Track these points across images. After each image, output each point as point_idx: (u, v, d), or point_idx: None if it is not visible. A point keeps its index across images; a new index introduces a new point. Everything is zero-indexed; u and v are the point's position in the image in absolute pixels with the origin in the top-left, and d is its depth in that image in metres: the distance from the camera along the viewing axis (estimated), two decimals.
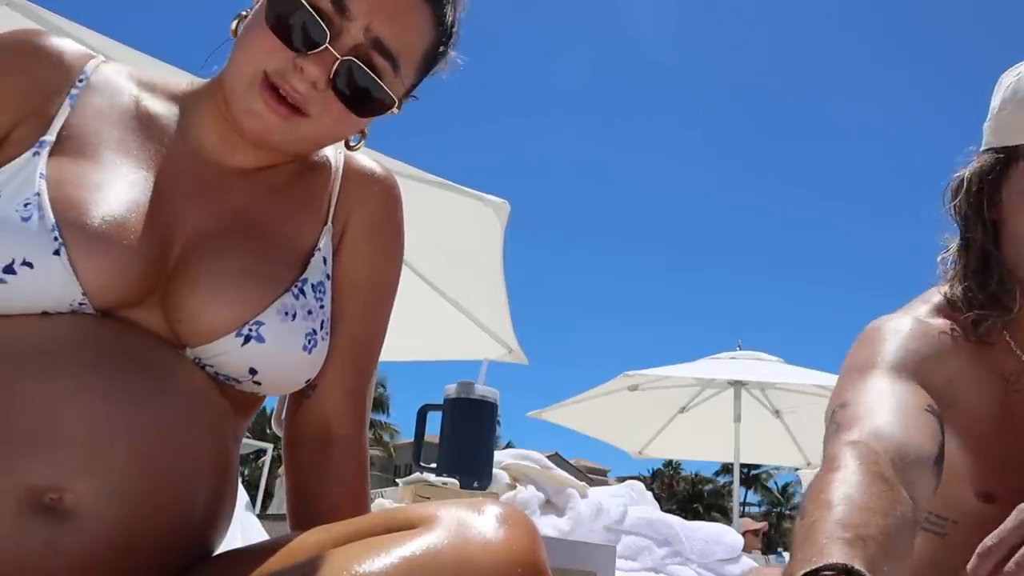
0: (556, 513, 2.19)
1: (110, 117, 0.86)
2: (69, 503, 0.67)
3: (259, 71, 0.82)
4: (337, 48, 0.83)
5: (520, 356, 5.02)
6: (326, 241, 0.93)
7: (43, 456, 0.67)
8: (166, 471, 0.72)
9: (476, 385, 2.08)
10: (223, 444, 0.81)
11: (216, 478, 0.79)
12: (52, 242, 0.73)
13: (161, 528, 0.72)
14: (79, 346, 0.73)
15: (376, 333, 0.98)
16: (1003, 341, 1.16)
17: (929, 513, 1.21)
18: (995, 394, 1.15)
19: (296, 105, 0.83)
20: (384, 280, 0.99)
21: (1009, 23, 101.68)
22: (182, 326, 0.79)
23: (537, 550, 0.66)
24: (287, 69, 0.82)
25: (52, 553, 0.66)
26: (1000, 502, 1.12)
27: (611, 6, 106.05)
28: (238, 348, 0.80)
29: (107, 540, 0.68)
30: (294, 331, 0.84)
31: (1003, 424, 1.14)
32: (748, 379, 6.45)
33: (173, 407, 0.75)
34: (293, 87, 0.82)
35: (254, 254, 0.85)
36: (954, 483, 1.15)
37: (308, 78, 0.82)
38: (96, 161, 0.81)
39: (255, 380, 0.83)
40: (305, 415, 0.94)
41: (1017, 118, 1.14)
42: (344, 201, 0.96)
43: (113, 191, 0.79)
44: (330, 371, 0.92)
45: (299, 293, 0.85)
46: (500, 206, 4.08)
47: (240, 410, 0.87)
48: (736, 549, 2.40)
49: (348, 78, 0.84)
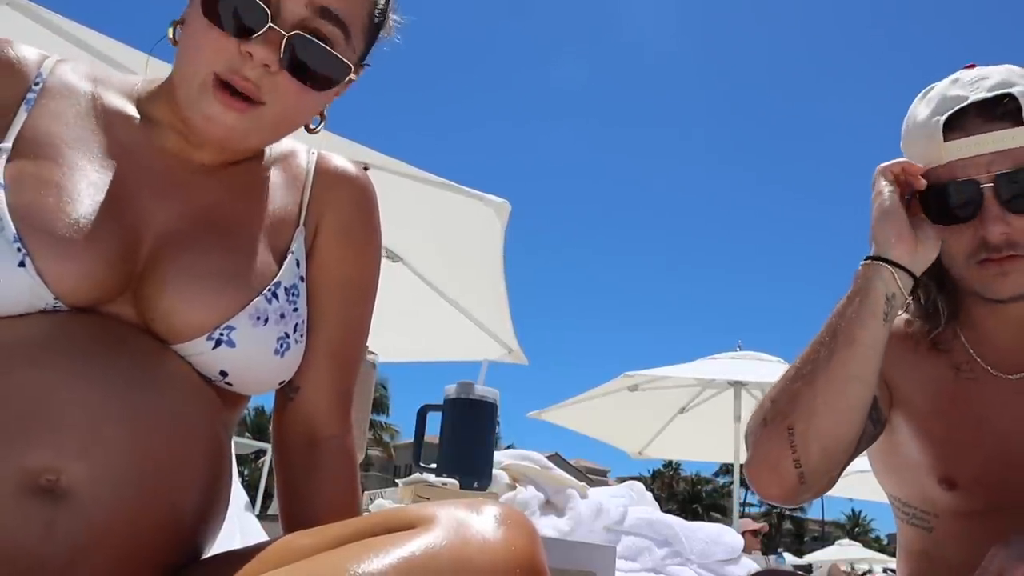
0: (556, 513, 2.19)
1: (68, 118, 0.85)
2: (65, 484, 0.67)
3: (208, 73, 0.81)
4: (281, 25, 0.82)
5: (520, 356, 5.01)
6: (299, 243, 0.92)
7: (38, 439, 0.67)
8: (161, 453, 0.73)
9: (476, 385, 2.07)
10: (214, 430, 0.81)
11: (210, 462, 0.79)
12: (16, 254, 0.72)
13: (156, 510, 0.72)
14: (65, 337, 0.73)
15: (356, 333, 0.98)
16: (958, 341, 1.20)
17: (915, 508, 1.25)
18: (945, 380, 1.18)
19: (250, 96, 0.82)
20: (361, 280, 0.98)
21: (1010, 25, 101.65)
22: (156, 324, 0.79)
23: (536, 550, 0.65)
24: (234, 61, 0.81)
25: (50, 535, 0.66)
26: (961, 487, 1.15)
27: (609, 10, 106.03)
28: (209, 351, 0.80)
29: (104, 522, 0.68)
30: (266, 335, 0.83)
31: (955, 410, 1.17)
32: (748, 379, 6.44)
33: (164, 391, 0.76)
34: (243, 77, 0.81)
35: (225, 254, 0.84)
36: (924, 475, 1.18)
37: (258, 62, 0.80)
38: (57, 163, 0.80)
39: (227, 381, 0.83)
40: (290, 417, 0.94)
41: (907, 148, 1.17)
42: (316, 202, 0.95)
43: (76, 193, 0.79)
44: (311, 373, 0.92)
45: (272, 297, 0.85)
46: (500, 206, 4.08)
47: (229, 400, 0.87)
48: (736, 549, 2.39)
49: (299, 53, 0.83)
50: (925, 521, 1.24)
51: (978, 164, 1.06)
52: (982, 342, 1.18)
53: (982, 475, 1.14)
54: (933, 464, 1.18)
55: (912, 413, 1.20)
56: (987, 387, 1.16)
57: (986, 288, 1.10)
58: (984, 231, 1.06)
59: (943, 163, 1.09)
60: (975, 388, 1.16)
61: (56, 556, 0.66)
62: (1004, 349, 1.17)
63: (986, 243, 1.07)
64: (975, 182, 1.06)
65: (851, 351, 1.04)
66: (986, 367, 1.17)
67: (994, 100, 1.07)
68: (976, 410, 1.15)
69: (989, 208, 1.06)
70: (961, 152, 1.07)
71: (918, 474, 1.20)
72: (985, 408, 1.15)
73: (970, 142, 1.06)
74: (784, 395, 1.07)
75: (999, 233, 1.05)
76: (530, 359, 5.15)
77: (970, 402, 1.16)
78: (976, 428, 1.15)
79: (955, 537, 1.00)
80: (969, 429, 1.15)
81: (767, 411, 1.09)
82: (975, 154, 1.06)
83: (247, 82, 0.81)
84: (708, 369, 6.84)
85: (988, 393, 1.16)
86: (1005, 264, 1.07)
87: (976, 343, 1.18)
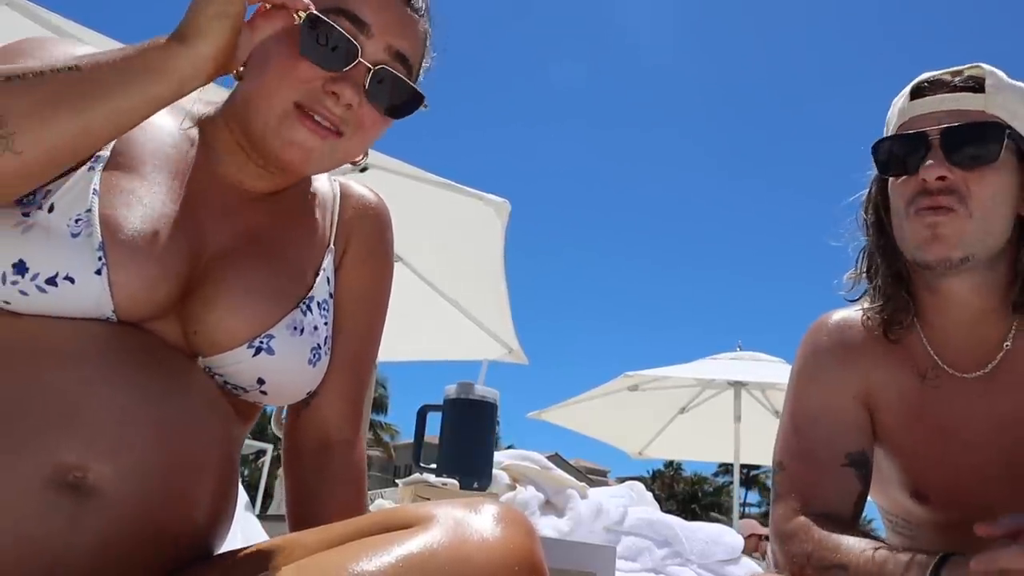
0: (556, 514, 2.19)
1: (148, 132, 0.88)
2: (92, 481, 0.70)
3: (289, 102, 0.84)
4: (368, 60, 0.86)
5: (520, 356, 5.01)
6: (329, 262, 0.97)
7: (70, 436, 0.70)
8: (181, 458, 0.76)
9: (476, 385, 2.07)
10: (228, 443, 0.85)
11: (223, 472, 0.83)
12: (96, 261, 0.76)
13: (174, 512, 0.75)
14: (104, 344, 0.76)
15: (371, 346, 1.04)
16: (917, 337, 1.21)
17: (896, 517, 1.27)
18: (911, 393, 1.19)
19: (334, 126, 0.86)
20: (378, 297, 1.04)
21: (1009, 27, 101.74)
22: (199, 337, 0.82)
23: (534, 549, 0.66)
24: (317, 94, 0.84)
25: (75, 530, 0.69)
26: (932, 501, 1.16)
27: (608, 13, 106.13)
28: (249, 359, 0.84)
29: (127, 519, 0.71)
30: (301, 345, 0.88)
31: (921, 424, 1.18)
32: (748, 379, 6.44)
33: (188, 405, 0.79)
34: (329, 110, 0.85)
35: (268, 273, 0.89)
36: (897, 489, 1.20)
37: (344, 100, 0.85)
38: (142, 178, 0.84)
39: (262, 390, 0.87)
40: (305, 423, 0.99)
41: (888, 121, 1.22)
42: (344, 226, 1.01)
43: (153, 209, 0.82)
44: (329, 382, 0.97)
45: (307, 310, 0.90)
46: (501, 205, 4.08)
47: (242, 417, 0.91)
48: (736, 550, 2.39)
49: (383, 84, 0.88)
50: (907, 529, 1.25)
51: (931, 121, 1.12)
52: (939, 339, 1.19)
53: (952, 488, 1.15)
54: (903, 479, 1.20)
55: (882, 427, 1.21)
56: (951, 394, 1.17)
57: (918, 248, 1.11)
58: (925, 175, 1.09)
59: (905, 120, 1.15)
60: (939, 398, 1.17)
61: (80, 549, 0.69)
62: (962, 347, 1.18)
63: (925, 188, 1.10)
64: (924, 134, 1.11)
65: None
66: (946, 368, 1.18)
67: (959, 74, 1.15)
68: (942, 422, 1.16)
69: (933, 155, 1.10)
70: (918, 109, 1.15)
71: (893, 487, 1.22)
72: (951, 419, 1.16)
73: (927, 100, 1.15)
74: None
75: (936, 177, 1.09)
76: (530, 359, 5.15)
77: (936, 414, 1.17)
78: (943, 441, 1.16)
79: (935, 546, 1.01)
80: (936, 443, 1.16)
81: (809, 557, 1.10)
82: (930, 111, 1.13)
83: (333, 115, 0.85)
84: (708, 369, 6.84)
85: (953, 401, 1.16)
86: (939, 214, 1.09)
87: (934, 341, 1.19)
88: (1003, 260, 1.14)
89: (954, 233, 1.08)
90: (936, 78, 1.16)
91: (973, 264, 1.10)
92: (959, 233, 1.08)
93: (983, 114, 1.11)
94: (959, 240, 1.08)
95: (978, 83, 1.13)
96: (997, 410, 1.14)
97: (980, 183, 1.09)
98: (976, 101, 1.11)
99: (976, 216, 1.08)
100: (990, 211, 1.09)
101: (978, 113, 1.11)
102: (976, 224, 1.08)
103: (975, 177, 1.09)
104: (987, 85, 1.12)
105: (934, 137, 1.10)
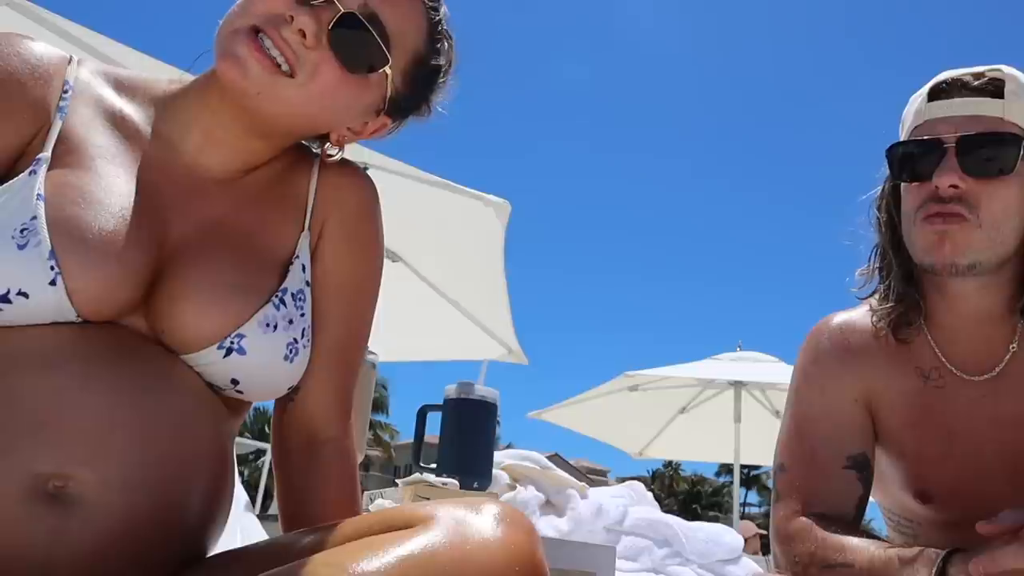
0: (556, 513, 2.19)
1: (95, 125, 0.85)
2: (73, 490, 0.67)
3: (247, 24, 0.81)
4: (342, 4, 0.83)
5: (520, 356, 5.01)
6: (304, 247, 0.92)
7: (48, 445, 0.68)
8: (167, 460, 0.73)
9: (476, 385, 2.07)
10: (220, 439, 0.81)
11: (215, 470, 0.79)
12: (48, 271, 0.72)
13: (163, 517, 0.72)
14: (76, 345, 0.73)
15: (359, 334, 0.98)
16: (923, 338, 1.21)
17: (899, 516, 1.27)
18: (914, 394, 1.19)
19: (286, 59, 0.82)
20: (364, 281, 0.98)
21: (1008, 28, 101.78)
22: (166, 336, 0.79)
23: (535, 548, 0.66)
24: (278, 19, 0.81)
25: (57, 540, 0.66)
26: (936, 501, 1.16)
27: (610, 11, 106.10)
28: (220, 360, 0.80)
29: (111, 528, 0.69)
30: (275, 341, 0.83)
31: (924, 424, 1.18)
32: (748, 380, 6.44)
33: (173, 400, 0.76)
34: (280, 35, 0.81)
35: (235, 265, 0.84)
36: (900, 489, 1.20)
37: (297, 25, 0.80)
38: (91, 173, 0.80)
39: (237, 390, 0.83)
40: (290, 418, 0.94)
41: (903, 123, 1.21)
42: (320, 205, 0.95)
43: (107, 208, 0.78)
44: (314, 374, 0.92)
45: (279, 303, 0.85)
46: (501, 206, 4.08)
47: (233, 408, 0.87)
48: (736, 550, 2.39)
49: (350, 34, 0.83)
50: (910, 528, 1.25)
51: (948, 126, 1.11)
52: (947, 342, 1.19)
53: (955, 488, 1.15)
54: (906, 479, 1.20)
55: (884, 429, 1.21)
56: (955, 395, 1.17)
57: (926, 253, 1.11)
58: (938, 181, 1.09)
59: (921, 122, 1.14)
60: (943, 398, 1.17)
61: (64, 560, 0.67)
62: (969, 350, 1.18)
63: (937, 195, 1.10)
64: (940, 140, 1.11)
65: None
66: (953, 370, 1.18)
67: (980, 76, 1.13)
68: (946, 422, 1.16)
69: (947, 163, 1.09)
70: (935, 112, 1.13)
71: (895, 487, 1.23)
72: (954, 419, 1.16)
73: (945, 103, 1.13)
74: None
75: (949, 185, 1.08)
76: (530, 359, 5.15)
77: (939, 414, 1.17)
78: (946, 441, 1.16)
79: (938, 544, 1.02)
80: (939, 443, 1.16)
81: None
82: (947, 114, 1.12)
83: (284, 44, 0.81)
84: (708, 369, 6.84)
85: (957, 402, 1.17)
86: (949, 222, 1.08)
87: (942, 343, 1.19)
88: (1011, 265, 1.15)
89: (962, 241, 1.09)
90: (955, 79, 1.14)
91: (980, 270, 1.11)
92: (967, 241, 1.09)
93: (1001, 122, 1.10)
94: (967, 248, 1.09)
95: (998, 88, 1.12)
96: (1001, 412, 1.14)
97: (992, 194, 1.09)
98: (995, 107, 1.10)
99: (986, 226, 1.09)
100: (1000, 222, 1.10)
101: (996, 121, 1.10)
102: (985, 234, 1.09)
103: (988, 188, 1.09)
104: (1007, 91, 1.11)
105: (949, 144, 1.10)
